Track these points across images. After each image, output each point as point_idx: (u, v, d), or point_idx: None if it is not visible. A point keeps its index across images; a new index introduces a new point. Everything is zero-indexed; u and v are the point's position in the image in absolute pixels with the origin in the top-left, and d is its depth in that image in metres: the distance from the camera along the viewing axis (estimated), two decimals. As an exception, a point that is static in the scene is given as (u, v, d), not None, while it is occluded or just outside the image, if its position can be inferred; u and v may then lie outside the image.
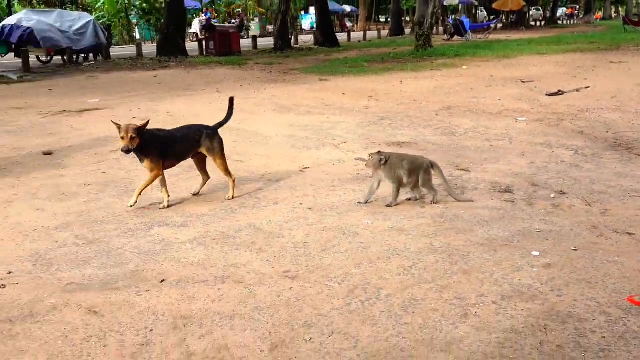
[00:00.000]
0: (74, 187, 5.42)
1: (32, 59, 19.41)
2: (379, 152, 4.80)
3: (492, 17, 45.24)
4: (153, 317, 3.08)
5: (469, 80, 12.94)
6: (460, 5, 47.82)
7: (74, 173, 5.91)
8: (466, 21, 33.50)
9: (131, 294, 3.34)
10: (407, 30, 41.71)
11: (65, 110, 9.88)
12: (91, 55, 22.06)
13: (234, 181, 5.11)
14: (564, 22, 61.72)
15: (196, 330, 2.95)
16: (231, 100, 5.38)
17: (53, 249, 4.01)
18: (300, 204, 4.90)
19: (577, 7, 73.05)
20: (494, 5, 43.64)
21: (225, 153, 5.23)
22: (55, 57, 20.86)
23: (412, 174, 4.73)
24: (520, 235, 4.10)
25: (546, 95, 10.57)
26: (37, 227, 4.42)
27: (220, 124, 5.22)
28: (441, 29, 33.03)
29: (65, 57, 20.34)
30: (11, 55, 20.19)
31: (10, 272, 3.64)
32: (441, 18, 32.38)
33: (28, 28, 19.32)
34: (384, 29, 43.45)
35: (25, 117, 9.35)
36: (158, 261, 3.78)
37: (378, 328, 2.95)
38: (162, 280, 3.50)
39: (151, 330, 2.95)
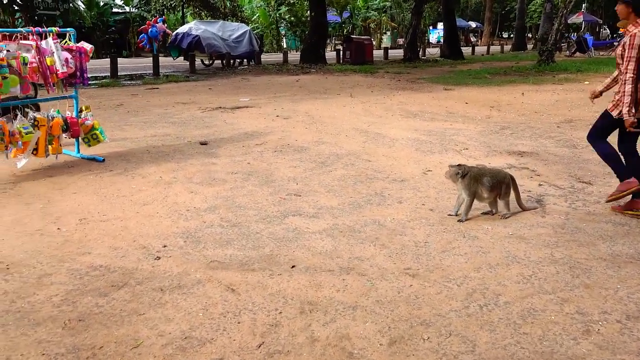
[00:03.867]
0: (223, 175, 5.52)
1: (197, 62, 20.48)
2: (459, 165, 4.31)
3: (614, 35, 41.60)
4: (282, 300, 2.99)
5: (592, 95, 11.87)
6: (583, 23, 44.40)
7: (224, 162, 6.04)
8: (589, 38, 31.00)
9: (265, 276, 3.28)
10: (529, 46, 39.44)
11: (220, 107, 10.23)
12: (245, 60, 22.87)
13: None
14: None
15: (321, 317, 2.82)
16: None
17: (201, 228, 4.06)
18: (423, 204, 4.64)
19: None
20: (618, 24, 40.06)
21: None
22: (216, 61, 21.88)
23: (493, 190, 4.23)
24: (647, 254, 3.59)
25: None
26: (190, 207, 4.53)
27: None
28: (564, 45, 30.85)
29: (224, 62, 21.25)
30: (181, 58, 21.41)
31: (165, 246, 3.72)
32: (566, 34, 30.15)
33: (196, 36, 20.41)
34: (506, 44, 41.41)
35: (188, 111, 9.79)
36: (290, 248, 3.71)
37: (496, 335, 2.66)
38: (293, 266, 3.41)
39: (280, 313, 2.86)
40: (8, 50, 5.09)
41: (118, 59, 17.58)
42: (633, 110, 4.21)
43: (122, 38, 35.06)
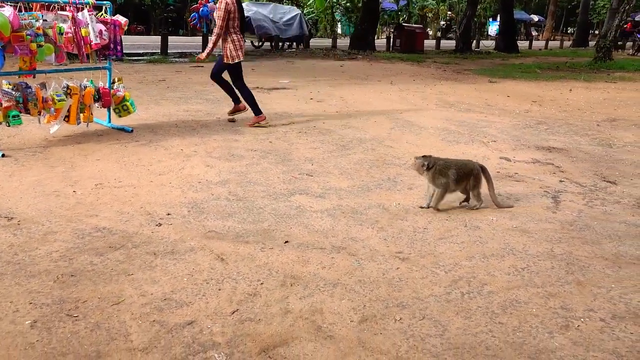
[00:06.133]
0: (242, 151, 5.62)
1: (247, 43, 20.68)
2: (424, 156, 4.20)
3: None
4: (267, 272, 3.06)
5: (644, 95, 11.39)
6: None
7: (246, 139, 6.14)
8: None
9: (256, 249, 3.35)
10: (592, 43, 37.89)
11: (258, 87, 10.34)
12: (294, 43, 22.96)
13: None
14: None
15: (300, 291, 2.87)
16: None
17: (208, 200, 4.17)
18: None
19: None
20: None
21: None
22: (265, 44, 22.06)
23: (460, 181, 4.13)
24: (653, 257, 3.47)
25: None
26: (202, 180, 4.64)
27: None
28: (629, 43, 29.43)
29: (273, 44, 21.40)
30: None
31: (169, 214, 3.85)
32: (635, 31, 28.72)
33: (247, 17, 20.61)
34: (568, 40, 39.94)
35: (226, 89, 9.93)
36: (288, 224, 3.77)
37: (470, 322, 2.65)
38: (286, 242, 3.47)
39: (262, 284, 2.93)
40: (45, 20, 5.32)
41: (172, 36, 17.98)
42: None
43: (180, 16, 35.75)
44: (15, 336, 2.37)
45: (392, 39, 24.41)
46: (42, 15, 5.36)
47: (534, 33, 52.32)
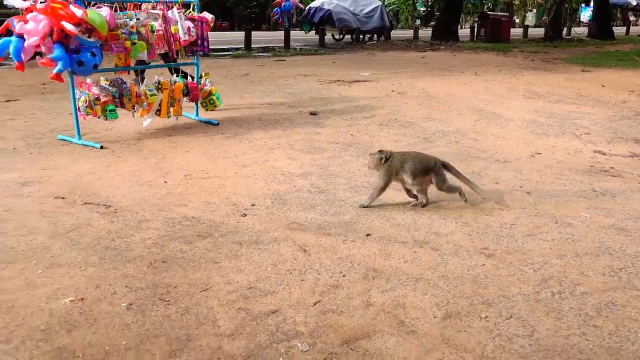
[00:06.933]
0: (324, 144, 5.66)
1: (328, 36, 20.81)
2: (380, 150, 3.97)
3: None
4: (349, 264, 3.07)
5: None
6: None
7: (328, 132, 6.18)
8: None
9: (338, 241, 3.37)
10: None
11: (339, 80, 10.38)
12: (375, 35, 22.81)
13: None
14: None
15: (382, 284, 2.86)
16: None
17: (290, 192, 4.24)
18: (521, 187, 4.43)
19: None
20: None
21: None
22: (346, 36, 22.06)
23: (417, 176, 3.87)
24: None
25: None
26: (285, 172, 4.72)
27: None
28: None
29: (354, 36, 21.37)
30: (313, 32, 21.84)
31: (253, 205, 3.95)
32: None
33: (328, 10, 20.71)
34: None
35: (307, 83, 10.06)
36: (370, 217, 3.76)
37: (561, 323, 2.53)
38: (368, 235, 3.46)
39: (344, 276, 2.94)
40: (138, 19, 5.59)
41: (255, 32, 18.38)
42: None
43: (262, 12, 36.45)
44: (113, 317, 2.52)
45: (476, 29, 23.69)
46: (135, 14, 5.63)
47: (632, 18, 49.04)
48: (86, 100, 5.44)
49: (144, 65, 6.38)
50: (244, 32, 18.29)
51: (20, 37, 5.00)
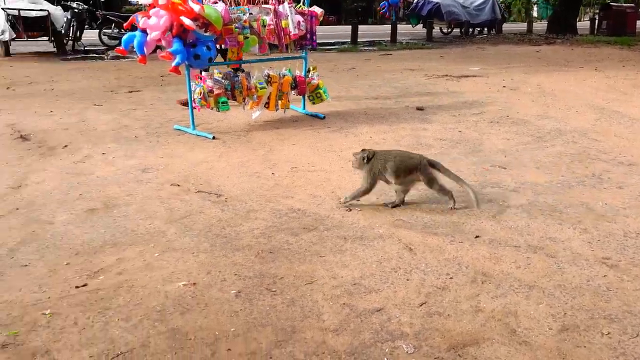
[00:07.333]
0: (431, 140, 5.52)
1: (435, 30, 20.35)
2: (363, 149, 3.80)
3: None
4: (457, 266, 2.96)
5: None
6: None
7: (435, 128, 6.02)
8: None
9: (445, 241, 3.26)
10: None
11: (447, 75, 10.10)
12: (485, 29, 21.98)
13: None
14: None
15: (491, 289, 2.73)
16: None
17: (397, 188, 4.17)
18: (648, 193, 4.07)
19: None
20: None
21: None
22: (455, 30, 21.45)
23: (400, 176, 3.68)
24: None
25: None
26: (391, 168, 4.66)
27: None
28: None
29: (463, 30, 20.73)
30: (420, 26, 21.43)
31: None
32: None
33: (436, 3, 20.22)
34: None
35: (414, 77, 9.88)
36: (479, 218, 3.61)
37: (697, 347, 2.28)
38: (477, 236, 3.33)
39: (451, 278, 2.84)
40: (251, 13, 5.75)
41: (361, 25, 18.39)
42: None
43: (369, 6, 36.36)
44: (223, 303, 2.60)
45: (597, 21, 22.11)
46: (248, 9, 5.79)
47: None
48: (201, 92, 5.69)
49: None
50: (350, 25, 18.33)
51: (144, 31, 5.32)
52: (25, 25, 13.14)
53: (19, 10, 12.99)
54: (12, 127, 6.10)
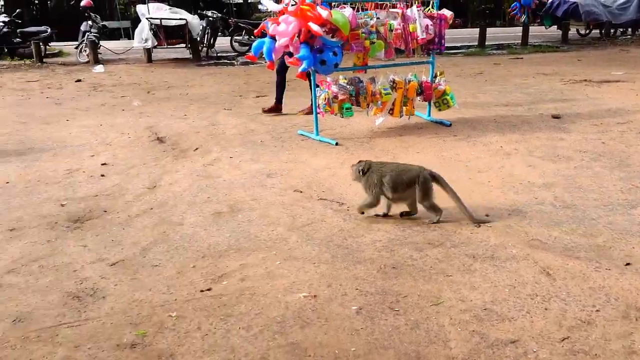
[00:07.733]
0: (569, 152, 5.06)
1: (572, 32, 18.98)
2: (360, 161, 3.70)
3: None
4: (604, 297, 2.62)
5: None
6: None
7: (574, 139, 5.52)
8: None
9: (589, 267, 2.92)
10: None
11: (586, 80, 9.32)
12: (630, 29, 20.13)
13: None
14: None
15: (648, 328, 2.38)
16: None
17: (530, 204, 3.84)
18: None
19: None
20: None
21: None
22: (593, 31, 19.87)
23: (397, 189, 3.51)
24: None
25: None
26: (524, 181, 4.31)
27: None
28: None
29: (603, 31, 19.14)
30: (553, 28, 20.10)
31: (487, 215, 3.65)
32: None
33: (573, 3, 18.75)
34: None
35: (548, 82, 9.23)
36: (630, 243, 3.20)
37: None
38: (628, 264, 2.94)
39: (597, 311, 2.52)
40: (378, 18, 5.64)
41: (489, 28, 17.64)
42: None
43: (497, 7, 34.91)
44: (343, 319, 2.50)
45: None
46: (376, 14, 5.68)
47: None
48: (325, 98, 5.67)
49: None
50: (477, 28, 17.62)
51: (272, 38, 5.41)
52: (166, 33, 14.13)
53: (161, 19, 13.98)
54: (150, 129, 6.50)
